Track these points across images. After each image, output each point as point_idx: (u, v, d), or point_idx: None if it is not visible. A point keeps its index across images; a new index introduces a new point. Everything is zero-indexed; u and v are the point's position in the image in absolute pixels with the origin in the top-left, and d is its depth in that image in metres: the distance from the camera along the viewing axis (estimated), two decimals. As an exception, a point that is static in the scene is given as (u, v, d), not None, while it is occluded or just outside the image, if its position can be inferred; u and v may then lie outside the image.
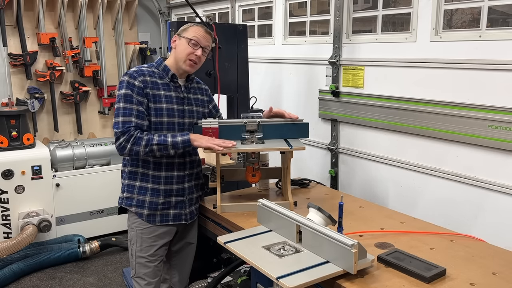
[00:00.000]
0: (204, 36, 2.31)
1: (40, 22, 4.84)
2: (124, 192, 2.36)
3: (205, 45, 2.32)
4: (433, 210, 2.81)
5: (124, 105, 2.20)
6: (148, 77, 2.26)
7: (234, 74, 3.31)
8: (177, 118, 2.31)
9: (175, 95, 2.32)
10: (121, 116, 2.19)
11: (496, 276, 1.70)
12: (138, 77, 2.23)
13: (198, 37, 2.28)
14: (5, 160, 3.98)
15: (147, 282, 2.35)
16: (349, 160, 3.44)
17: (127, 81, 2.23)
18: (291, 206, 2.35)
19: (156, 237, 2.34)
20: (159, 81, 2.30)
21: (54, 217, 4.19)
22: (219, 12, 4.96)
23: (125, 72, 2.28)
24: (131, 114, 2.19)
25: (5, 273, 3.62)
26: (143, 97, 2.22)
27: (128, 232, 2.41)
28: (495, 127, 2.44)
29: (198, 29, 2.31)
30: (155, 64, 2.37)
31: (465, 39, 2.58)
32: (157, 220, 2.33)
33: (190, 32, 2.29)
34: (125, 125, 2.18)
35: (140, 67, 2.32)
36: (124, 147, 2.17)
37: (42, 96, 4.89)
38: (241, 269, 2.91)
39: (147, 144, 2.17)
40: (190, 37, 2.28)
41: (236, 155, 3.14)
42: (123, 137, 2.17)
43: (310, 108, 3.65)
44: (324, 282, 1.64)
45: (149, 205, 2.31)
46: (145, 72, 2.28)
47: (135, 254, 2.36)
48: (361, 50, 3.23)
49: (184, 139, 2.21)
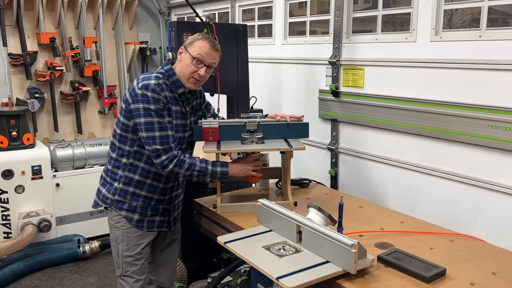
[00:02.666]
0: (209, 53, 2.20)
1: (40, 22, 4.84)
2: (115, 195, 2.31)
3: (210, 63, 2.22)
4: (433, 210, 2.81)
5: (158, 119, 2.14)
6: (167, 92, 2.20)
7: (234, 74, 3.31)
8: (181, 132, 2.32)
9: (180, 110, 2.31)
10: (158, 131, 2.13)
11: (496, 276, 1.70)
12: (161, 92, 2.16)
13: (202, 55, 2.19)
14: (5, 160, 3.97)
15: (135, 279, 2.35)
16: (349, 160, 3.44)
17: (151, 96, 2.12)
18: (291, 206, 2.35)
19: (141, 236, 2.34)
20: (171, 95, 2.24)
21: (54, 217, 4.19)
22: (219, 12, 4.96)
23: (143, 85, 2.14)
24: (166, 128, 2.16)
25: (5, 273, 3.62)
26: (167, 111, 2.20)
27: (112, 232, 2.37)
28: (495, 127, 2.44)
29: (204, 44, 2.19)
30: (166, 74, 2.25)
31: (465, 39, 2.58)
32: (144, 226, 2.34)
33: (195, 47, 2.19)
34: (163, 140, 2.14)
35: (157, 79, 2.18)
36: (167, 166, 2.15)
37: (42, 96, 4.88)
38: (241, 269, 2.91)
39: (189, 168, 2.18)
40: (194, 54, 2.18)
41: (236, 155, 3.14)
42: (165, 155, 2.14)
43: (310, 108, 3.65)
44: (324, 282, 1.64)
45: (140, 211, 2.31)
46: (164, 87, 2.18)
47: (121, 253, 2.34)
48: (361, 50, 3.23)
49: (223, 171, 2.26)
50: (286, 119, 2.41)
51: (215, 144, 2.35)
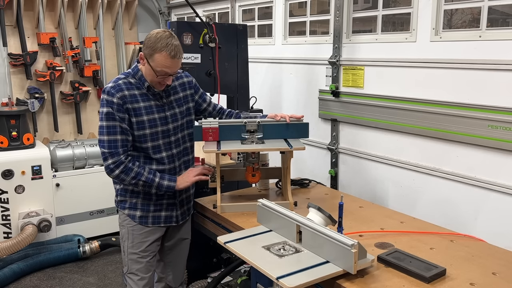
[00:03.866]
0: (172, 65, 2.14)
1: (40, 22, 4.84)
2: (118, 196, 2.39)
3: (174, 71, 2.19)
4: (433, 210, 2.81)
5: (107, 123, 2.18)
6: (126, 91, 2.20)
7: (234, 74, 3.31)
8: (160, 127, 2.28)
9: (154, 104, 2.27)
10: (106, 135, 2.18)
11: (496, 276, 1.70)
12: (116, 94, 2.17)
13: (165, 70, 2.14)
14: (5, 160, 3.97)
15: (140, 277, 2.38)
16: (349, 160, 3.44)
17: (105, 99, 2.18)
18: (291, 206, 2.35)
19: (147, 233, 2.37)
20: (137, 92, 2.23)
21: (54, 217, 4.19)
22: (219, 12, 4.96)
23: (103, 89, 2.21)
24: (116, 132, 2.18)
25: (5, 273, 3.62)
26: (124, 113, 2.19)
27: (120, 230, 2.44)
28: (495, 127, 2.44)
29: (164, 58, 2.10)
30: (132, 72, 2.26)
31: (465, 39, 2.58)
32: (149, 222, 2.36)
33: (156, 62, 2.12)
34: (111, 144, 2.17)
35: (117, 80, 2.23)
36: (113, 171, 2.19)
37: (42, 96, 4.88)
38: (241, 269, 2.91)
39: (135, 177, 2.20)
40: (156, 69, 2.14)
41: (236, 155, 3.14)
42: (111, 159, 2.17)
43: (310, 108, 3.65)
44: (324, 282, 1.64)
45: (141, 207, 2.34)
46: (123, 87, 2.20)
47: (127, 250, 2.39)
48: (361, 50, 3.23)
49: (169, 185, 2.27)
50: (286, 119, 2.41)
51: (215, 144, 2.35)
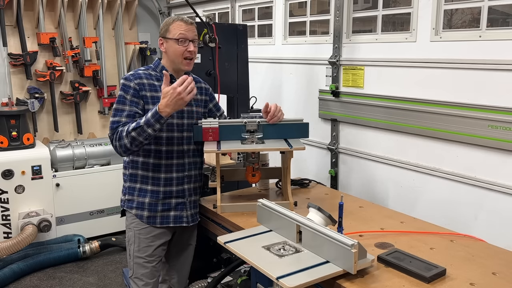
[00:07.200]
0: (188, 29, 2.25)
1: (40, 22, 4.84)
2: (126, 195, 2.37)
3: (192, 37, 2.27)
4: (433, 210, 2.81)
5: (116, 106, 2.23)
6: (145, 79, 2.26)
7: (234, 74, 3.31)
8: (176, 119, 2.30)
9: None
10: (112, 117, 2.23)
11: (496, 276, 1.70)
12: (134, 80, 2.24)
13: (183, 34, 2.23)
14: (5, 160, 3.98)
15: (144, 282, 2.35)
16: (349, 160, 3.44)
17: (123, 84, 2.24)
18: (291, 206, 2.35)
19: (153, 237, 2.35)
20: (157, 83, 2.29)
21: (54, 217, 4.19)
22: (219, 12, 4.96)
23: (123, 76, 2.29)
24: (122, 115, 2.20)
25: (5, 273, 3.62)
26: (139, 98, 2.22)
27: (126, 233, 2.42)
28: (495, 127, 2.44)
29: (179, 24, 2.25)
30: (153, 66, 2.36)
31: (465, 39, 2.58)
32: (157, 222, 2.33)
33: (173, 31, 2.24)
34: (114, 125, 2.20)
35: (137, 70, 2.32)
36: (115, 147, 2.20)
37: (42, 96, 4.88)
38: (241, 269, 2.91)
39: (127, 135, 2.11)
40: (176, 36, 2.23)
41: (236, 155, 3.14)
42: (112, 137, 2.20)
43: (310, 108, 3.65)
44: (324, 282, 1.64)
45: (149, 206, 2.32)
46: (142, 75, 2.28)
47: (133, 254, 2.36)
48: (361, 50, 3.23)
49: (152, 113, 2.05)
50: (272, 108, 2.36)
51: (215, 144, 2.35)
